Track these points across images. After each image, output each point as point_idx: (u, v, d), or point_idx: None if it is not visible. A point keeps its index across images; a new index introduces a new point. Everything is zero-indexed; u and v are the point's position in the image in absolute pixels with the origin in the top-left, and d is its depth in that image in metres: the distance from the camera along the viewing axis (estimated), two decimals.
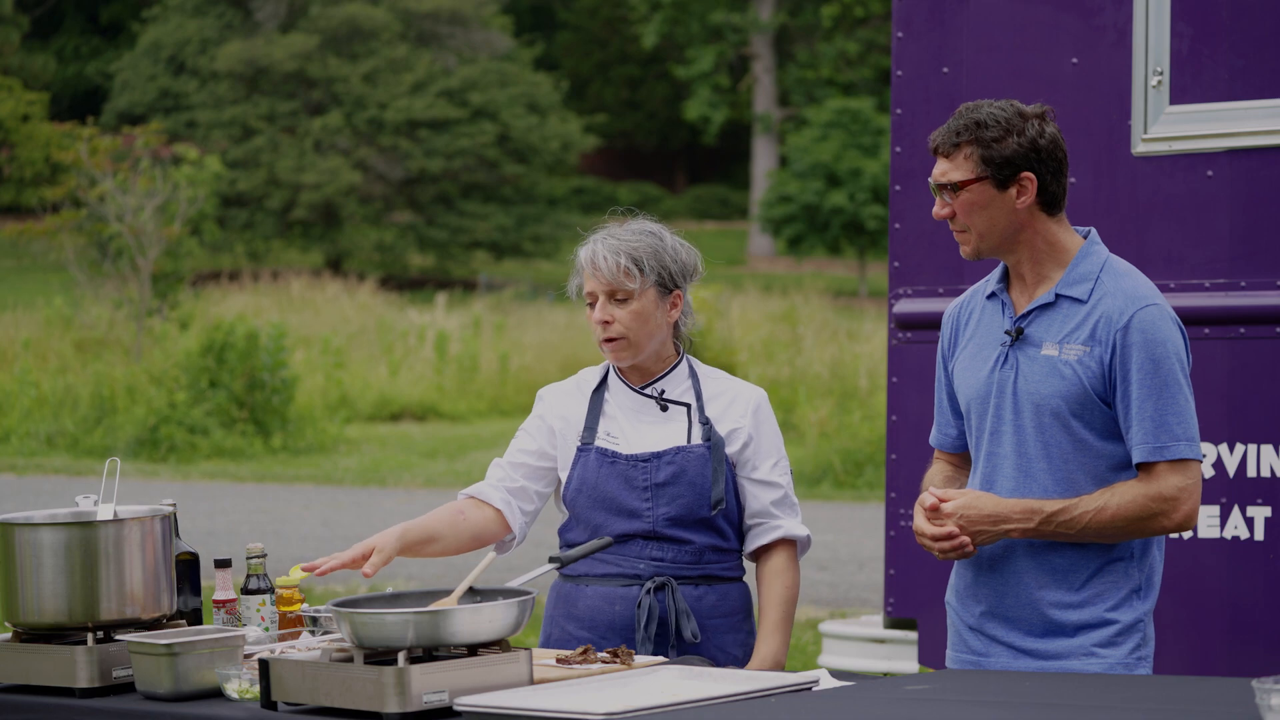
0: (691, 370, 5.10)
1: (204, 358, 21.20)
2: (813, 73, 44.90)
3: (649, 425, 5.03)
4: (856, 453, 18.83)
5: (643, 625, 4.89)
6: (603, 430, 5.04)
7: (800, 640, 11.28)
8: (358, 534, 15.85)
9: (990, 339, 4.63)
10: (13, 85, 38.94)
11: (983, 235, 4.55)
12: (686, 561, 4.95)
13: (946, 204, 4.55)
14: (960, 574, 4.69)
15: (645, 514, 4.94)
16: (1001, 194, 4.52)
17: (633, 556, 4.95)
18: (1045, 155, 4.52)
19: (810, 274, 40.44)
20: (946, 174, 4.54)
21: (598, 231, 5.11)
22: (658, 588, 4.93)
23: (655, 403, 5.04)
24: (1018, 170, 4.51)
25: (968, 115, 4.54)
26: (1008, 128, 4.50)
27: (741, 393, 5.07)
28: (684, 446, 4.97)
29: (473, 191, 41.75)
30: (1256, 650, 5.91)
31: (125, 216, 25.23)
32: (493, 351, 26.63)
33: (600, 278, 4.98)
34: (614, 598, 4.95)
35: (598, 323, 4.98)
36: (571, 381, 5.17)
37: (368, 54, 41.51)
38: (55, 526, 4.55)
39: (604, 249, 4.99)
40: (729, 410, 5.03)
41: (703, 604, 4.96)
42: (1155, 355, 4.46)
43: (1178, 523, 4.48)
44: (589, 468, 5.01)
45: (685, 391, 5.05)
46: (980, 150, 4.50)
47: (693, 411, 5.03)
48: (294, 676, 4.16)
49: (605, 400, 5.07)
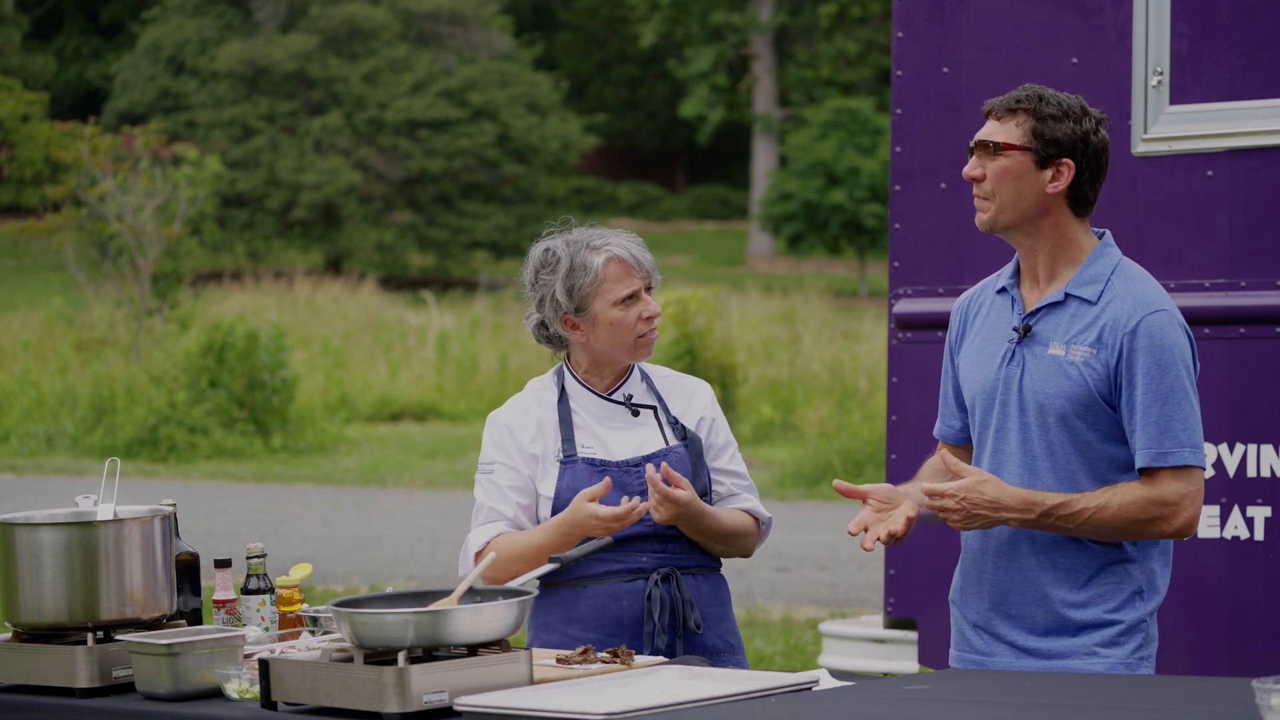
0: (642, 372, 5.11)
1: (204, 358, 21.20)
2: (812, 72, 44.89)
3: (622, 431, 5.02)
4: (856, 453, 18.82)
5: (655, 616, 4.89)
6: (579, 441, 5.01)
7: (800, 640, 11.28)
8: (357, 534, 15.86)
9: (998, 334, 4.63)
10: (13, 85, 38.94)
11: (1004, 207, 4.53)
12: (684, 552, 4.98)
13: (981, 165, 4.54)
14: (964, 572, 4.69)
15: (644, 518, 4.93)
16: (1038, 171, 4.51)
17: (634, 553, 4.96)
18: (1092, 153, 4.52)
19: (810, 274, 40.43)
20: (993, 134, 4.53)
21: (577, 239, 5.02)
22: (664, 578, 4.94)
23: (624, 408, 5.04)
24: (1062, 153, 4.50)
25: (1033, 89, 4.55)
26: (1066, 112, 4.51)
27: (695, 387, 5.12)
28: (667, 448, 4.99)
29: (473, 191, 41.74)
30: (1256, 650, 5.91)
31: (125, 216, 25.22)
32: (492, 351, 26.64)
33: (641, 273, 5.00)
34: (620, 593, 4.95)
35: (650, 315, 5.00)
36: (527, 398, 5.10)
37: (368, 54, 41.50)
38: (55, 526, 4.55)
39: (630, 245, 5.02)
40: (690, 405, 5.08)
41: (701, 593, 4.99)
42: (1162, 361, 4.46)
43: (1177, 528, 4.48)
44: (579, 478, 4.96)
45: (645, 393, 5.08)
46: (1034, 122, 4.50)
47: (659, 412, 5.05)
48: (294, 676, 4.16)
49: (573, 410, 5.05)
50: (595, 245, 5.00)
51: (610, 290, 4.97)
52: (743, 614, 12.25)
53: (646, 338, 5.02)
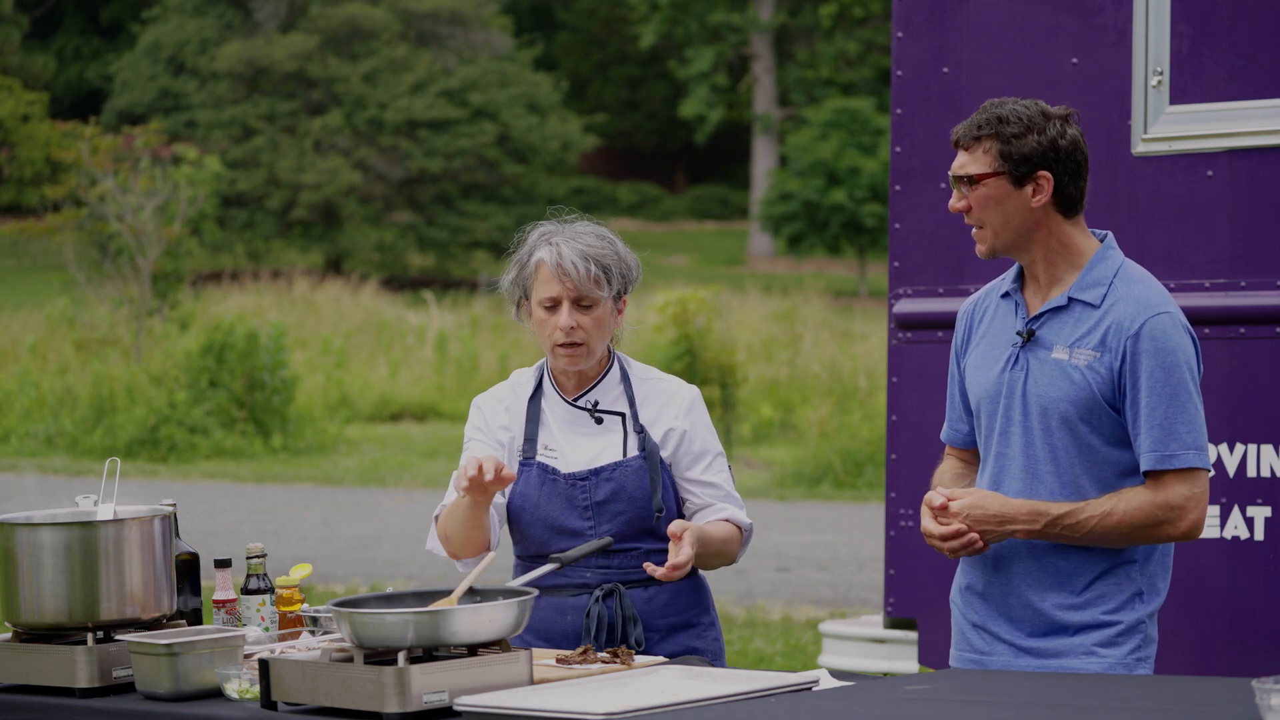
0: (623, 373, 5.02)
1: (204, 358, 21.20)
2: (812, 72, 44.89)
3: (584, 437, 4.96)
4: (856, 453, 18.83)
5: (591, 634, 4.86)
6: (542, 443, 4.97)
7: (800, 640, 11.28)
8: (357, 534, 15.86)
9: (1002, 339, 4.63)
10: (13, 85, 38.93)
11: (997, 232, 4.54)
12: (633, 567, 4.90)
13: (963, 197, 4.55)
14: (965, 572, 4.69)
15: (588, 533, 4.90)
16: (1017, 191, 4.51)
17: (579, 567, 4.91)
18: (1064, 156, 4.51)
19: (810, 274, 40.43)
20: (964, 166, 4.54)
21: (544, 232, 4.97)
22: (605, 595, 4.89)
23: (589, 415, 4.97)
24: (1035, 168, 4.50)
25: (991, 110, 4.53)
26: (1029, 125, 4.50)
27: (675, 392, 5.00)
28: (620, 461, 4.91)
29: (473, 191, 41.74)
30: (1256, 650, 5.91)
31: (125, 216, 25.22)
32: (492, 351, 26.65)
33: (568, 283, 4.86)
34: (565, 608, 4.93)
35: (562, 329, 4.86)
36: (505, 388, 5.08)
37: (368, 54, 41.50)
38: (55, 526, 4.55)
39: (571, 253, 4.88)
40: (663, 412, 4.97)
41: (653, 605, 4.92)
42: (1166, 363, 4.45)
43: (1183, 531, 4.48)
44: (531, 484, 4.94)
45: (618, 398, 4.98)
46: (999, 145, 4.49)
47: (627, 420, 4.96)
48: (294, 676, 4.16)
49: (542, 410, 5.00)
50: (550, 241, 4.91)
51: (538, 289, 4.91)
52: (743, 614, 12.26)
53: (564, 349, 4.89)
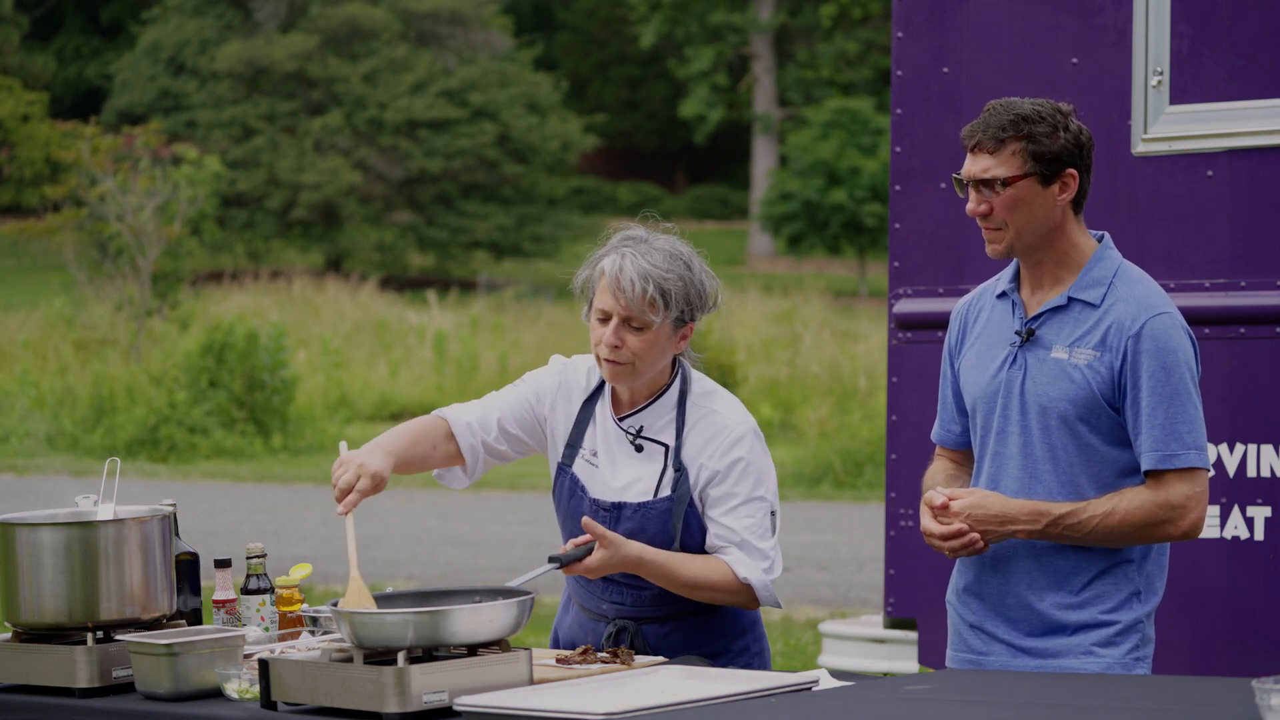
0: (682, 394, 4.82)
1: (204, 358, 21.21)
2: (812, 73, 44.90)
3: (624, 459, 4.81)
4: (856, 453, 18.84)
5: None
6: (586, 448, 4.84)
7: (800, 640, 11.28)
8: (357, 534, 15.83)
9: (999, 339, 4.62)
10: (13, 85, 38.93)
11: (1019, 233, 4.50)
12: (648, 603, 4.80)
13: (985, 200, 4.49)
14: (962, 573, 4.69)
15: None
16: (1044, 190, 4.49)
17: (597, 595, 4.85)
18: (1085, 152, 4.52)
19: (810, 274, 40.44)
20: (989, 170, 4.48)
21: (625, 238, 4.80)
22: (618, 631, 4.80)
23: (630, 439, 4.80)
24: (1064, 167, 4.48)
25: (1008, 111, 4.48)
26: (1054, 124, 4.47)
27: (724, 427, 4.76)
28: (648, 503, 4.74)
29: (473, 191, 41.74)
30: (1256, 650, 5.91)
31: (125, 216, 25.22)
32: (492, 351, 26.65)
33: (621, 301, 4.68)
34: (588, 628, 4.90)
35: (606, 344, 4.70)
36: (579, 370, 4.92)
37: (368, 54, 41.51)
38: (55, 526, 4.55)
39: (633, 270, 4.67)
40: (706, 447, 4.75)
41: (669, 642, 4.79)
42: (1166, 364, 4.46)
43: (1184, 530, 4.48)
44: (564, 490, 4.87)
45: (666, 425, 4.79)
46: (1029, 145, 4.45)
47: (669, 455, 4.76)
48: (294, 676, 4.17)
49: (594, 416, 4.86)
50: (620, 251, 4.73)
51: (597, 297, 4.74)
52: None
53: (608, 363, 4.72)
